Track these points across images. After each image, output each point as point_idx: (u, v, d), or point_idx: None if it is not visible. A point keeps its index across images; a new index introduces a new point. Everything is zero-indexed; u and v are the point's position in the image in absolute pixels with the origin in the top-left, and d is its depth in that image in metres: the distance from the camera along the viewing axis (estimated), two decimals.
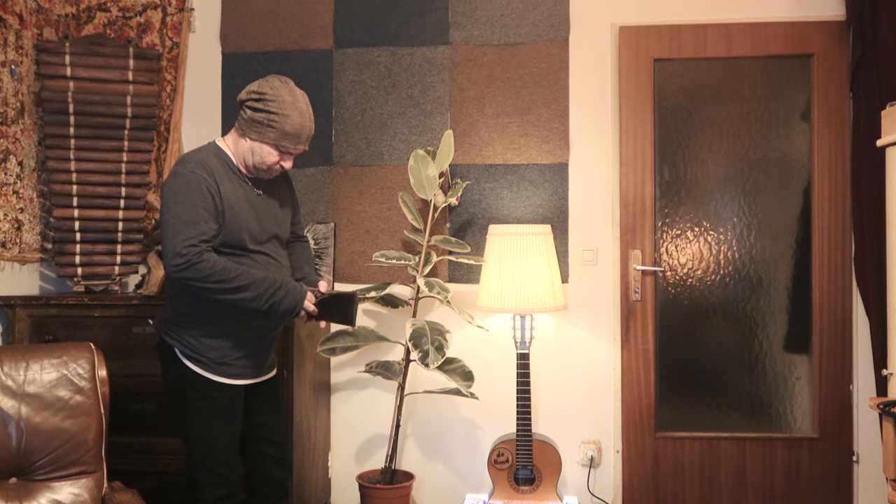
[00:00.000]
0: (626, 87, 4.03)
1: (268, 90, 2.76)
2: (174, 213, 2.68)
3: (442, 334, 3.60)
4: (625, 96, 4.03)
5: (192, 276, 2.66)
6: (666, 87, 4.05)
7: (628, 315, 4.03)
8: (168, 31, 4.17)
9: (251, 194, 2.88)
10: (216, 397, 2.86)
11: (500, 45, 4.07)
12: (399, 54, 4.12)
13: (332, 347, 3.78)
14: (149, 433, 3.59)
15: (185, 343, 2.83)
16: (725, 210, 4.03)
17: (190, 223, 2.67)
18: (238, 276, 2.71)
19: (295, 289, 2.83)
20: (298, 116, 2.79)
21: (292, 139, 2.81)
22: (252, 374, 2.94)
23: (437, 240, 3.86)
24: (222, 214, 2.75)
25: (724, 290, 4.04)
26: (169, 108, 4.17)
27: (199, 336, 2.83)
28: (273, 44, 4.17)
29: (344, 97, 4.14)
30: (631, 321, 4.03)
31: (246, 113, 2.79)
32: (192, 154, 2.83)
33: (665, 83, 4.05)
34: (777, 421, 4.04)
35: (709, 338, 4.06)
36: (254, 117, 2.77)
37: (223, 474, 2.88)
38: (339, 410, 4.17)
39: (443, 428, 4.13)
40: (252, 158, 2.83)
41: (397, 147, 4.12)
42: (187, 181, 2.71)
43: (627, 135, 4.03)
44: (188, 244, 2.65)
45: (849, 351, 3.97)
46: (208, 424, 2.86)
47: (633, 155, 4.02)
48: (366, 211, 4.12)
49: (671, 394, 4.07)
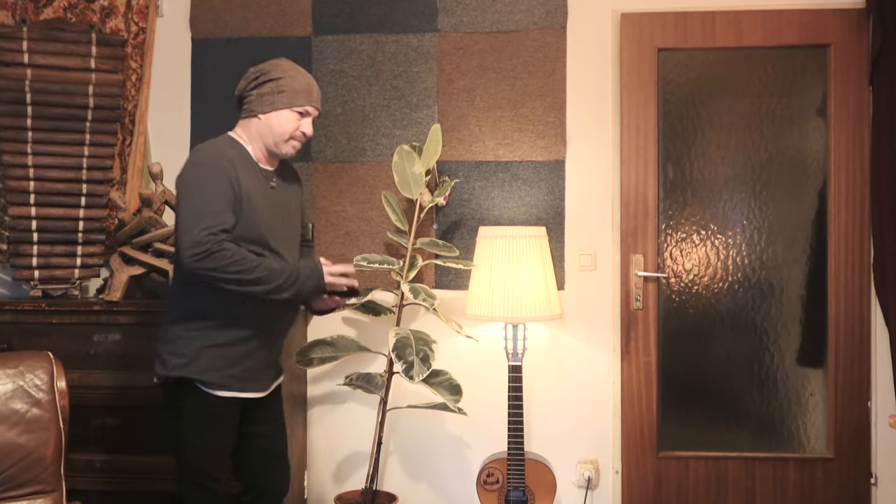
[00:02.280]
0: (628, 79, 4.12)
1: (265, 66, 3.01)
2: (192, 203, 2.79)
3: (428, 344, 3.67)
4: (626, 89, 4.12)
5: (213, 266, 2.74)
6: (671, 78, 4.13)
7: (629, 324, 4.11)
8: (133, 16, 4.25)
9: (267, 188, 3.04)
10: (215, 412, 2.96)
11: (493, 33, 4.16)
12: (383, 42, 4.21)
13: (309, 358, 3.85)
14: (111, 450, 3.67)
15: (185, 355, 2.92)
16: (734, 212, 4.12)
17: (209, 213, 2.78)
18: (258, 265, 2.82)
19: (310, 267, 2.97)
20: (303, 77, 3.05)
21: (304, 96, 3.03)
22: (257, 387, 3.07)
23: (423, 242, 3.94)
24: (240, 206, 2.88)
25: (733, 299, 4.13)
26: (134, 98, 4.24)
27: (205, 346, 2.92)
28: (247, 30, 4.26)
29: (323, 88, 4.23)
30: (632, 331, 4.11)
31: (251, 95, 3.00)
32: (209, 144, 2.97)
33: (670, 75, 4.14)
34: (789, 440, 4.12)
35: (716, 350, 4.14)
36: (261, 92, 2.99)
37: (213, 489, 3.00)
38: (317, 426, 4.25)
39: (428, 446, 4.21)
40: (272, 134, 3.01)
41: (380, 142, 4.20)
42: (206, 171, 2.86)
43: (629, 130, 4.12)
44: (208, 233, 2.74)
45: (867, 364, 4.05)
46: (202, 437, 2.97)
47: (635, 152, 4.11)
48: (346, 211, 4.21)
49: (675, 410, 4.16)
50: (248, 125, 3.04)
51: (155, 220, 3.87)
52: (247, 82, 3.02)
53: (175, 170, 4.15)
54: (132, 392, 3.65)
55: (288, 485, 3.31)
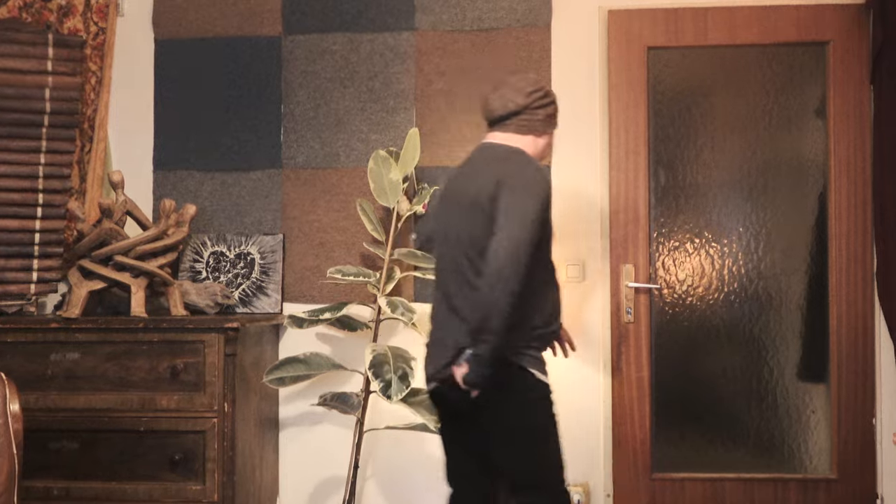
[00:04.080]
0: (617, 79, 4.18)
1: (541, 83, 3.24)
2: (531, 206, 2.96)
3: (407, 361, 3.72)
4: (615, 89, 4.18)
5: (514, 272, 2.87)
6: (662, 78, 4.20)
7: (620, 339, 4.16)
8: (93, 15, 4.30)
9: None
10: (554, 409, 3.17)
11: (473, 31, 4.23)
12: (357, 41, 4.27)
13: (281, 377, 3.88)
14: (70, 476, 3.70)
15: (532, 356, 3.08)
16: (730, 219, 4.18)
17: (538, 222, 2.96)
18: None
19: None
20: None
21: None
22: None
23: (401, 253, 3.99)
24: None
25: (729, 310, 4.18)
26: (94, 102, 4.29)
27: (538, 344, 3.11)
28: (213, 29, 4.32)
29: (295, 90, 4.29)
30: (623, 346, 4.15)
31: (538, 114, 3.19)
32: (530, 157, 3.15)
33: (661, 74, 4.21)
34: (790, 460, 4.17)
35: (712, 364, 4.19)
36: (548, 112, 3.23)
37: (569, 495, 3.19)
38: (289, 449, 4.29)
39: (408, 469, 4.25)
40: (540, 153, 3.27)
41: (356, 147, 4.26)
42: (544, 184, 3.06)
43: (618, 133, 4.18)
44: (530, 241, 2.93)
45: (871, 379, 4.11)
46: (557, 441, 3.16)
47: (625, 156, 4.17)
48: (319, 220, 4.26)
49: (669, 429, 4.20)
50: (522, 140, 3.19)
51: (116, 231, 3.90)
52: (532, 99, 3.16)
53: (137, 178, 4.23)
54: (93, 414, 3.69)
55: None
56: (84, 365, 3.71)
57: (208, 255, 4.25)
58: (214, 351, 3.65)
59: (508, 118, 3.17)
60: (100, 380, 3.69)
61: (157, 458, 3.67)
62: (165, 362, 3.68)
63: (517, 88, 3.17)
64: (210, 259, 4.25)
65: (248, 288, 4.22)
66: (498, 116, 3.18)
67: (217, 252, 4.25)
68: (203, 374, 3.66)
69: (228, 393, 3.65)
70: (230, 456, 3.65)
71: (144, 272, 3.88)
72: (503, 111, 3.16)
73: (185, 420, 3.67)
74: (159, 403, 3.67)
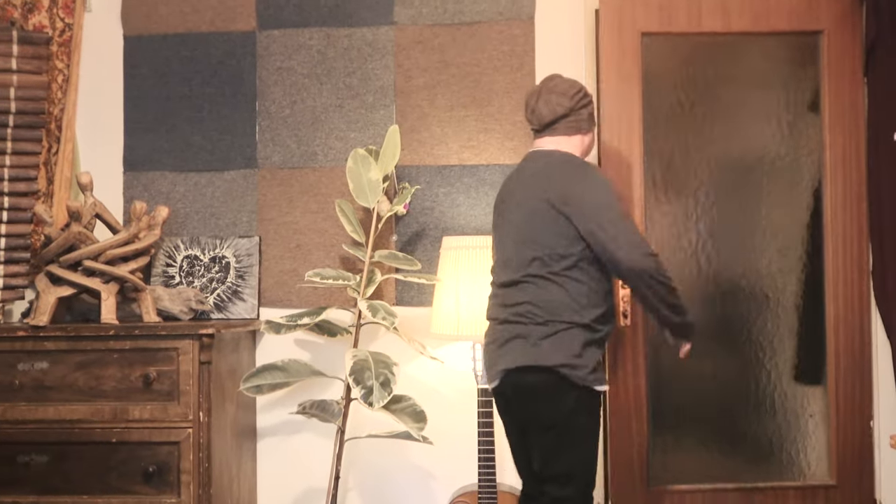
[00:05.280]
0: (608, 70, 4.15)
1: (579, 84, 3.48)
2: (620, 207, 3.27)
3: (388, 367, 3.73)
4: (606, 81, 4.16)
5: (656, 267, 3.21)
6: (654, 69, 4.18)
7: (615, 343, 4.16)
8: (59, 11, 4.31)
9: None
10: (600, 413, 3.42)
11: (454, 25, 4.26)
12: (335, 36, 4.30)
13: (258, 385, 3.89)
14: (39, 491, 3.71)
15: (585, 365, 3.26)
16: (728, 216, 4.20)
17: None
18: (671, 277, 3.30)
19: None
20: None
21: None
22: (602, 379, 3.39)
23: (382, 255, 4.01)
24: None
25: (724, 311, 4.20)
26: (61, 101, 4.30)
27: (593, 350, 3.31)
28: (185, 24, 4.34)
29: (270, 87, 4.32)
30: (619, 350, 4.15)
31: (582, 114, 3.46)
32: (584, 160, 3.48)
33: (653, 63, 4.19)
34: (789, 466, 4.20)
35: (708, 368, 4.20)
36: (589, 111, 3.50)
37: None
38: (267, 460, 4.31)
39: (391, 479, 4.28)
40: (586, 151, 3.54)
41: (333, 146, 4.29)
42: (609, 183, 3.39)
43: (610, 127, 4.17)
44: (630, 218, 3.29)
45: (868, 381, 4.15)
46: (596, 447, 3.39)
47: (617, 151, 4.18)
48: (297, 222, 4.29)
49: (666, 437, 4.20)
50: (571, 141, 3.46)
51: (85, 235, 3.91)
52: (576, 100, 3.42)
53: (107, 179, 4.24)
54: (62, 426, 3.70)
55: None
56: (53, 374, 3.72)
57: (181, 259, 4.27)
58: (189, 358, 3.67)
59: (557, 122, 3.43)
60: (70, 390, 3.70)
61: (130, 471, 3.68)
62: (138, 371, 3.69)
63: (561, 92, 3.41)
64: (183, 263, 4.26)
65: (224, 293, 4.23)
66: (548, 122, 3.43)
67: (191, 256, 4.27)
68: (177, 383, 3.67)
69: (204, 402, 3.67)
70: (206, 468, 3.66)
71: (115, 277, 3.89)
72: (552, 116, 3.41)
73: (159, 431, 3.68)
74: (132, 414, 3.68)
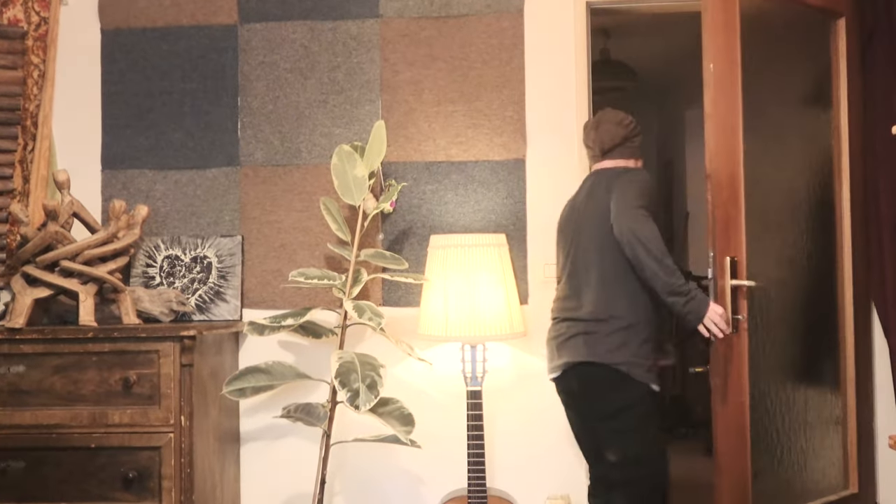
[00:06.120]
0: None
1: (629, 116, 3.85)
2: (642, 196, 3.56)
3: (375, 369, 3.73)
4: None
5: (650, 229, 3.44)
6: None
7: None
8: (34, 4, 4.30)
9: None
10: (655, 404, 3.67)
11: (442, 18, 4.27)
12: (319, 30, 4.30)
13: (241, 388, 3.89)
14: (16, 498, 3.70)
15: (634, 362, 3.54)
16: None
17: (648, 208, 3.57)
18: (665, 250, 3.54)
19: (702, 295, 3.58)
20: None
21: None
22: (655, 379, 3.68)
23: (368, 254, 4.01)
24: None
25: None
26: (37, 97, 4.29)
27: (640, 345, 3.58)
28: (164, 18, 4.34)
29: (252, 82, 4.31)
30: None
31: (635, 141, 3.84)
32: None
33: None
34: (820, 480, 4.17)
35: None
36: (639, 139, 3.89)
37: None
38: (251, 465, 4.31)
39: (379, 484, 4.29)
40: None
41: (318, 142, 4.29)
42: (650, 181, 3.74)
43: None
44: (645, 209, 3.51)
45: (870, 381, 4.18)
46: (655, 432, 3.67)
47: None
48: (281, 221, 4.28)
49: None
50: (626, 163, 3.79)
51: (62, 235, 3.90)
52: (630, 129, 3.80)
53: (85, 177, 4.23)
54: (40, 431, 3.70)
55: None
56: (30, 378, 3.72)
57: (162, 259, 4.26)
58: (170, 361, 3.67)
59: (616, 147, 3.79)
60: (47, 394, 3.70)
61: (110, 477, 3.68)
62: (117, 374, 3.69)
63: (616, 122, 3.80)
64: (164, 263, 4.26)
65: (206, 294, 4.23)
66: (610, 147, 3.79)
67: (171, 256, 4.26)
68: (158, 387, 3.67)
69: (185, 406, 3.67)
70: (188, 473, 3.66)
71: (93, 278, 3.88)
72: (612, 142, 3.78)
73: (140, 435, 3.68)
74: (111, 418, 3.68)
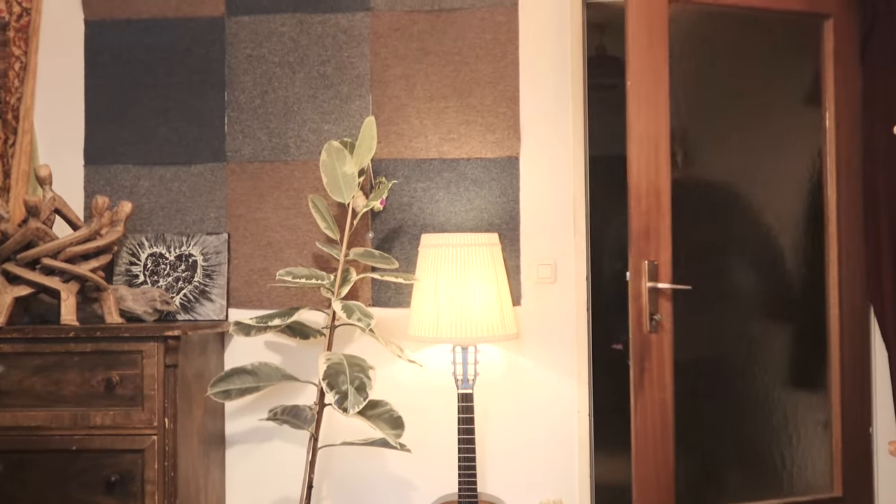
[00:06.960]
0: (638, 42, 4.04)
1: None
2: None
3: (364, 371, 3.73)
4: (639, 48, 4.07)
5: None
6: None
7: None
8: None
9: None
10: None
11: (434, 11, 4.26)
12: (308, 23, 4.29)
13: (226, 390, 3.88)
14: None
15: None
16: (724, 213, 4.22)
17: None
18: None
19: None
20: None
21: None
22: None
23: (357, 253, 4.01)
24: None
25: (714, 313, 4.21)
26: (18, 90, 4.27)
27: None
28: (149, 9, 4.33)
29: (239, 76, 4.30)
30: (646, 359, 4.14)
31: None
32: None
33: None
34: (797, 480, 4.21)
35: (705, 377, 4.20)
36: None
37: None
38: (237, 468, 4.31)
39: (367, 488, 4.28)
40: None
41: (307, 138, 4.29)
42: None
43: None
44: None
45: (868, 385, 4.19)
46: None
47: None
48: (267, 218, 4.28)
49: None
50: None
51: (44, 231, 3.89)
52: None
53: (67, 173, 4.22)
54: (19, 433, 3.68)
55: None
56: (9, 379, 3.70)
57: (146, 257, 4.25)
58: (153, 362, 3.65)
59: None
60: (27, 395, 3.68)
61: (92, 480, 3.66)
62: (99, 375, 3.67)
63: None
64: (148, 261, 4.25)
65: (190, 293, 4.22)
66: None
67: (155, 254, 4.25)
68: (141, 388, 3.66)
69: (169, 407, 3.66)
70: (171, 477, 3.65)
71: (75, 276, 3.87)
72: None
73: (122, 438, 3.66)
74: (93, 420, 3.66)
